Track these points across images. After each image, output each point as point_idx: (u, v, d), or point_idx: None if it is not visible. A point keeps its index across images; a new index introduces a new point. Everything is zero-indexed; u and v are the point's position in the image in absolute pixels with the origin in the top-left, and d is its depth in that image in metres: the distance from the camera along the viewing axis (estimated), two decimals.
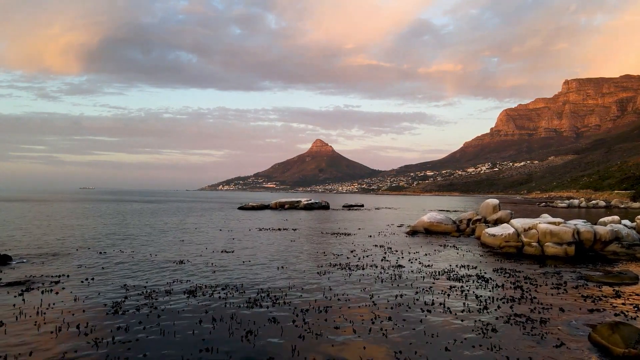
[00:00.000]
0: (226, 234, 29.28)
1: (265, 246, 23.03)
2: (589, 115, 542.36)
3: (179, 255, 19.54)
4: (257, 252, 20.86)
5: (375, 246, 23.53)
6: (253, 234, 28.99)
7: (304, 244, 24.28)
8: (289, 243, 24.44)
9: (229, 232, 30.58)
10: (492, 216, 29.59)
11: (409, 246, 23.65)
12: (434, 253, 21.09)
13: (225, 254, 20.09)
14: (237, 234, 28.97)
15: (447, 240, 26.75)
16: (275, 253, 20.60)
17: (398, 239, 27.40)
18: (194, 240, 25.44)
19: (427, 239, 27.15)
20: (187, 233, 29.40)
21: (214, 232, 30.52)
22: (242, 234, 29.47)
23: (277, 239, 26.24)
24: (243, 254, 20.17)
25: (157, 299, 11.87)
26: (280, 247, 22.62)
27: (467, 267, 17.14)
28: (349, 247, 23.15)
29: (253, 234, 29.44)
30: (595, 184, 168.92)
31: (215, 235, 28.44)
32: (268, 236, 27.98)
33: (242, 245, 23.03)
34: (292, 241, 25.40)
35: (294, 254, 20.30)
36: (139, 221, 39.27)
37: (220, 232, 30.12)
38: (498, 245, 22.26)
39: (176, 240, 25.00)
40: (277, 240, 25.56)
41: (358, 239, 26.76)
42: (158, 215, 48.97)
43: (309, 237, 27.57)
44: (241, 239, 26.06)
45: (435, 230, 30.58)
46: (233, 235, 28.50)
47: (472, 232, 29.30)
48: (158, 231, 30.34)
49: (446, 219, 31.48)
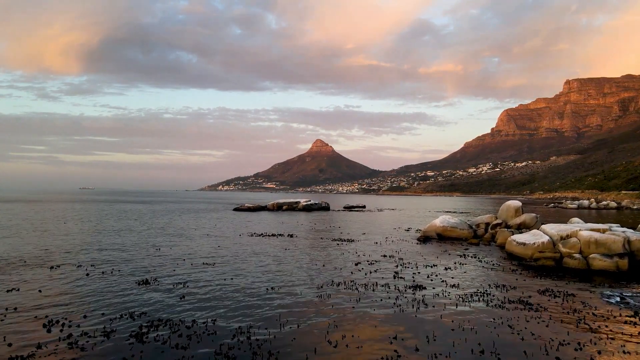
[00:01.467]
0: (212, 240, 25.78)
1: (255, 257, 19.54)
2: (590, 115, 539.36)
3: (147, 270, 16.04)
4: (243, 265, 17.36)
5: (384, 256, 20.05)
6: (243, 241, 25.50)
7: (300, 254, 20.79)
8: (283, 253, 20.95)
9: (216, 238, 27.08)
10: (515, 220, 26.10)
11: (423, 257, 20.17)
12: (456, 266, 17.61)
13: (203, 268, 16.59)
14: (225, 241, 25.48)
15: (465, 248, 23.26)
16: (265, 267, 17.12)
17: (408, 246, 23.93)
18: (173, 249, 21.94)
19: (442, 247, 23.68)
20: (168, 239, 25.90)
21: (199, 238, 27.03)
22: (231, 240, 25.98)
23: (270, 248, 22.76)
24: (225, 268, 16.66)
25: (84, 348, 8.37)
26: (271, 259, 19.14)
27: (504, 288, 13.65)
28: (352, 257, 19.68)
29: (243, 241, 25.94)
30: (601, 184, 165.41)
31: (199, 242, 24.95)
32: (260, 244, 24.49)
33: (227, 256, 19.52)
34: (286, 250, 21.91)
35: (287, 269, 16.82)
36: (121, 224, 35.77)
37: (206, 238, 26.62)
38: (530, 256, 18.78)
39: (152, 249, 21.50)
40: (269, 250, 22.07)
41: (363, 247, 23.30)
42: (145, 217, 45.48)
43: (307, 245, 24.09)
44: (228, 248, 22.57)
45: (449, 235, 27.11)
46: (220, 242, 25.00)
47: (492, 239, 25.81)
48: (136, 236, 26.86)
49: (461, 223, 28.00)
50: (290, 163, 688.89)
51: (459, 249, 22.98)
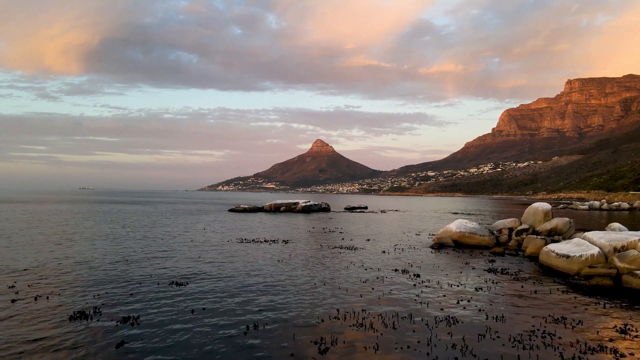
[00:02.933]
0: (195, 249, 22.27)
1: (238, 274, 16.03)
2: (592, 115, 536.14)
3: (95, 295, 12.54)
4: (220, 285, 13.85)
5: (396, 271, 16.57)
6: (229, 250, 21.98)
7: (295, 268, 17.28)
8: (275, 266, 17.45)
9: (200, 246, 23.56)
10: (544, 225, 22.59)
11: (443, 271, 16.68)
12: (489, 287, 14.10)
13: (170, 291, 13.07)
14: (209, 249, 21.97)
15: (490, 259, 19.76)
16: (250, 288, 13.62)
17: (422, 256, 20.43)
18: (145, 262, 18.43)
19: (462, 257, 20.18)
20: (146, 248, 22.40)
21: (180, 245, 23.53)
22: (217, 248, 22.47)
23: (260, 259, 19.25)
24: (197, 291, 13.16)
25: None
26: (260, 275, 15.64)
27: (568, 325, 10.12)
28: (359, 272, 16.18)
29: (230, 249, 22.42)
30: (606, 184, 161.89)
31: (179, 251, 21.44)
32: (248, 254, 20.98)
33: (204, 273, 16.00)
34: (278, 262, 18.41)
35: (278, 290, 13.33)
36: (100, 229, 32.27)
37: (188, 247, 23.11)
38: (576, 271, 15.27)
39: (119, 263, 18.00)
40: (258, 262, 18.57)
41: (369, 257, 19.81)
42: (132, 219, 41.92)
43: (304, 256, 20.58)
44: (210, 260, 19.06)
45: (468, 242, 23.61)
46: (203, 251, 21.49)
47: (519, 247, 22.31)
48: (110, 244, 23.36)
49: (481, 228, 24.48)
50: (291, 163, 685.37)
51: (483, 260, 19.48)
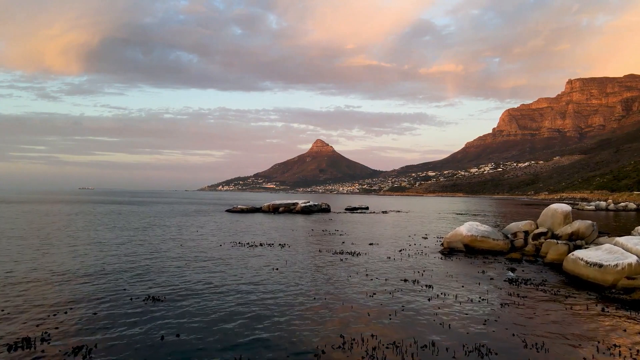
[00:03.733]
0: (183, 254, 20.39)
1: (227, 284, 14.17)
2: (592, 115, 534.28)
3: (60, 311, 10.68)
4: (205, 301, 11.97)
5: (405, 281, 14.70)
6: (220, 256, 20.10)
7: (291, 278, 15.42)
8: (269, 276, 15.58)
9: (190, 250, 21.69)
10: (564, 229, 20.72)
11: (459, 281, 14.81)
12: (514, 301, 12.24)
13: (145, 308, 11.21)
14: (199, 255, 20.11)
15: (507, 267, 17.88)
16: (238, 305, 11.76)
17: (432, 263, 18.56)
18: (124, 269, 16.55)
19: (476, 264, 18.32)
20: (130, 253, 20.53)
21: (169, 250, 21.64)
22: (208, 254, 20.60)
23: (253, 267, 17.39)
24: (179, 306, 11.29)
25: None
26: (251, 289, 13.78)
27: (622, 353, 8.28)
28: (364, 283, 14.32)
29: (221, 254, 20.55)
30: (610, 184, 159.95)
31: (166, 256, 19.57)
32: (240, 261, 19.12)
33: (188, 284, 14.13)
34: (273, 271, 16.54)
35: (270, 309, 11.47)
36: (85, 233, 30.43)
37: (176, 252, 21.23)
38: (611, 283, 13.42)
39: (96, 270, 16.13)
40: (251, 270, 16.70)
41: (374, 264, 17.95)
42: (124, 220, 40.02)
43: (302, 262, 18.71)
44: (199, 267, 17.20)
45: (480, 247, 21.73)
46: (191, 257, 19.62)
47: (537, 252, 20.44)
48: (92, 247, 21.49)
49: (494, 231, 22.60)
50: (291, 163, 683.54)
51: (500, 268, 17.60)
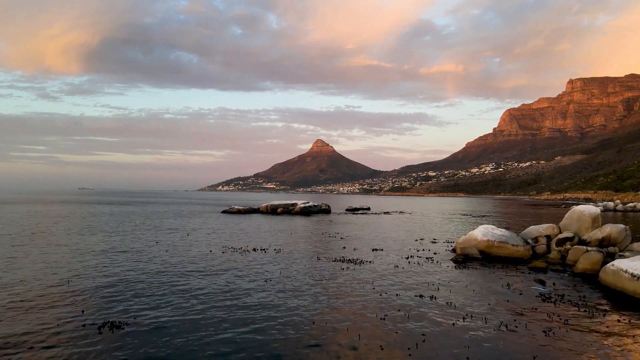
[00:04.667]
0: (167, 261, 18.16)
1: (209, 302, 11.95)
2: (593, 115, 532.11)
3: None
4: (176, 329, 9.71)
5: (420, 297, 12.49)
6: (206, 264, 17.86)
7: (287, 291, 13.18)
8: (260, 290, 13.34)
9: (176, 257, 19.46)
10: (593, 234, 18.50)
11: (481, 297, 12.60)
12: (555, 325, 10.02)
13: (100, 339, 8.98)
14: (181, 264, 17.87)
15: (533, 277, 15.66)
16: (217, 333, 9.52)
17: (447, 273, 16.34)
18: (90, 287, 14.33)
19: (497, 274, 16.09)
20: (104, 264, 18.32)
21: (150, 257, 19.41)
22: (192, 262, 18.38)
23: (242, 278, 15.15)
24: (143, 337, 9.06)
25: None
26: (238, 303, 11.56)
27: None
28: (371, 298, 12.10)
29: (209, 263, 18.31)
30: (614, 184, 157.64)
31: (146, 265, 17.34)
32: (231, 267, 16.89)
33: (163, 302, 11.89)
34: (265, 283, 14.32)
35: (257, 339, 9.25)
36: (68, 235, 28.22)
37: (161, 258, 19.00)
38: None
39: (57, 284, 13.90)
40: (239, 282, 14.46)
41: (380, 275, 15.72)
42: (113, 222, 37.76)
43: (299, 272, 16.47)
44: (179, 279, 14.97)
45: (497, 254, 19.49)
46: (176, 265, 17.38)
47: (563, 260, 18.21)
48: (64, 256, 19.27)
49: (512, 235, 20.35)
50: (291, 163, 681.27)
51: (526, 279, 15.38)
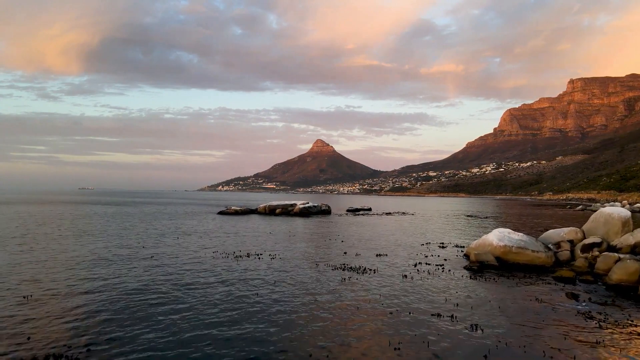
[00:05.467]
0: (148, 269, 16.25)
1: (186, 325, 10.03)
2: (594, 115, 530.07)
3: None
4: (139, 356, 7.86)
5: (438, 316, 10.57)
6: (192, 276, 15.93)
7: (279, 312, 11.27)
8: (248, 308, 11.43)
9: (159, 264, 17.55)
10: (624, 239, 16.57)
11: (509, 315, 10.68)
12: (609, 356, 8.13)
13: None
14: (164, 272, 15.95)
15: (559, 288, 13.76)
16: None
17: (463, 285, 14.43)
18: (48, 308, 12.44)
19: (520, 286, 14.17)
20: (78, 275, 16.41)
21: (132, 266, 17.50)
22: (177, 271, 16.45)
23: (230, 292, 13.23)
24: None
25: None
26: (217, 335, 9.65)
27: None
28: (378, 318, 10.18)
29: (193, 273, 16.38)
30: (618, 184, 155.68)
31: (124, 275, 15.43)
32: (215, 280, 14.98)
33: (131, 328, 9.98)
34: (257, 296, 12.41)
35: None
36: (47, 240, 26.34)
37: (143, 265, 17.09)
38: None
39: (13, 305, 12.01)
40: (225, 298, 12.55)
41: (387, 286, 13.80)
42: (99, 224, 35.86)
43: (294, 284, 14.54)
44: (157, 295, 13.05)
45: (516, 261, 17.58)
46: (154, 274, 15.46)
47: (591, 268, 16.29)
48: (34, 266, 17.40)
49: (531, 241, 18.43)
50: (291, 163, 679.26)
51: (554, 292, 13.45)
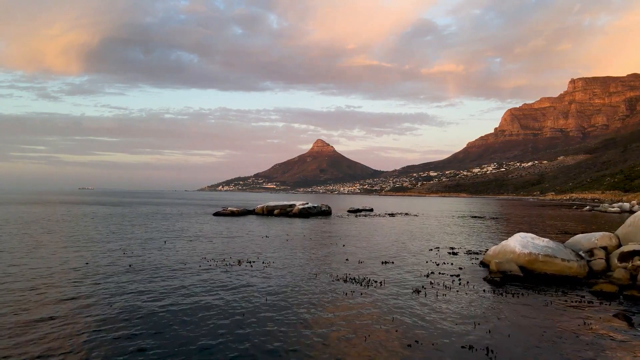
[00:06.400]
0: (123, 280, 14.07)
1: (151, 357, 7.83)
2: (596, 115, 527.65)
3: None
4: None
5: (471, 350, 8.38)
6: (170, 293, 13.74)
7: (266, 342, 9.07)
8: (228, 336, 9.24)
9: (137, 274, 15.36)
10: None
11: (557, 347, 8.50)
12: None
13: None
14: (141, 283, 13.77)
15: (603, 308, 11.57)
16: None
17: (486, 302, 12.23)
18: None
19: (556, 304, 11.96)
20: (48, 281, 14.22)
21: (106, 276, 15.29)
22: (156, 280, 14.26)
23: (209, 309, 11.02)
24: None
25: None
26: None
27: None
28: (391, 354, 8.01)
29: (174, 284, 14.17)
30: (622, 184, 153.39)
31: (98, 286, 13.24)
32: (201, 289, 12.77)
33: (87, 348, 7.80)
34: (242, 317, 10.21)
35: None
36: (19, 246, 24.17)
37: (118, 275, 14.89)
38: None
39: None
40: (203, 316, 10.34)
41: (397, 305, 11.61)
42: (89, 224, 33.68)
43: (286, 301, 12.32)
44: (122, 318, 10.87)
45: (543, 270, 15.37)
46: (130, 286, 13.26)
47: (633, 281, 14.09)
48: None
49: (558, 247, 16.20)
50: (291, 163, 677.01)
51: (600, 313, 11.24)
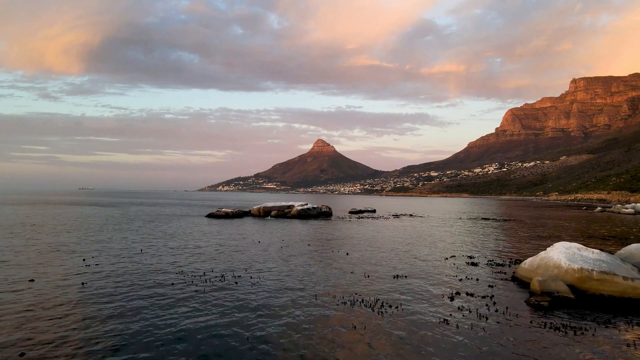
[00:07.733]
0: (66, 305, 10.97)
1: None
2: (597, 115, 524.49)
3: None
4: None
5: None
6: (131, 312, 10.62)
7: None
8: None
9: (89, 295, 12.24)
10: None
11: None
12: None
13: None
14: (88, 308, 10.68)
15: None
16: None
17: (537, 336, 9.11)
18: None
19: (634, 342, 8.88)
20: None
21: (66, 283, 12.19)
22: (105, 305, 11.15)
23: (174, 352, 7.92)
24: None
25: None
26: None
27: None
28: None
29: (139, 305, 11.06)
30: (629, 184, 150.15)
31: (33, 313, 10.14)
32: (171, 315, 9.63)
33: None
34: None
35: None
36: None
37: (81, 287, 11.78)
38: None
39: None
40: None
41: (426, 347, 8.53)
42: (73, 226, 30.60)
43: (274, 338, 9.21)
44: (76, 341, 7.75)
45: (598, 291, 12.26)
46: (81, 311, 10.18)
47: None
48: None
49: (616, 262, 13.05)
50: (291, 163, 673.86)
51: None
